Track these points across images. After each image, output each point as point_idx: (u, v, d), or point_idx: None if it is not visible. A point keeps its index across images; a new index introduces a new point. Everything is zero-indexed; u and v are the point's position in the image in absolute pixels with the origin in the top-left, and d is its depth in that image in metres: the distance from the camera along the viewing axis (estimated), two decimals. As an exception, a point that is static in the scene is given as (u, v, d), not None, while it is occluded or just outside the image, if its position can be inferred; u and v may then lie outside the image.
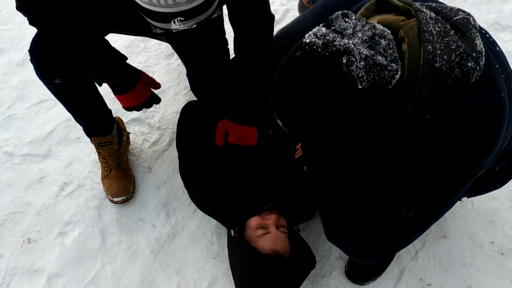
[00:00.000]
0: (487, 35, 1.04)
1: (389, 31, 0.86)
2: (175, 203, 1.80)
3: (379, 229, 1.05)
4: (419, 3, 0.94)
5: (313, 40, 0.83)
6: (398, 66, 0.84)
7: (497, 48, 1.02)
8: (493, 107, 0.91)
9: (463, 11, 0.96)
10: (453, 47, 0.88)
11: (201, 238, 1.71)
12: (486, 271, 1.60)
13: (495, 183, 1.33)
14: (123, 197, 1.77)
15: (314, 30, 0.86)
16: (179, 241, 1.71)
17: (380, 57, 0.82)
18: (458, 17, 0.94)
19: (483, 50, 0.91)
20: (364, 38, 0.83)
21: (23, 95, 2.13)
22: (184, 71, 2.15)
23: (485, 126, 0.92)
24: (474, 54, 0.89)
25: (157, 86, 1.56)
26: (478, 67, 0.89)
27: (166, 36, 1.54)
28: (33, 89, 2.14)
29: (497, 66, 0.95)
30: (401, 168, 1.02)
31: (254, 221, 1.48)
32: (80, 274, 1.64)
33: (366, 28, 0.85)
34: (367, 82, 0.81)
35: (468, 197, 1.45)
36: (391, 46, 0.84)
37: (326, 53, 0.81)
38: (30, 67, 2.19)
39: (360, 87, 0.81)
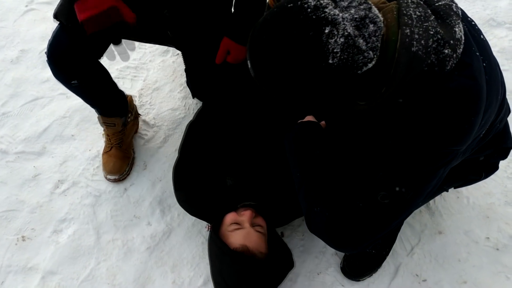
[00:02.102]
0: (473, 23, 1.04)
1: (381, 19, 0.87)
2: (171, 200, 1.79)
3: (357, 217, 1.04)
4: None
5: None
6: (375, 56, 0.85)
7: (481, 36, 1.03)
8: (468, 94, 0.91)
9: None
10: (432, 32, 0.88)
11: (196, 235, 1.71)
12: (482, 266, 1.60)
13: (480, 173, 1.33)
14: (116, 177, 1.80)
15: None
16: (175, 238, 1.70)
17: (361, 41, 0.83)
18: (440, 3, 0.95)
19: (463, 38, 0.91)
20: (355, 16, 0.83)
21: (17, 93, 2.12)
22: (179, 67, 2.14)
23: (459, 113, 0.92)
24: (451, 41, 0.89)
25: (130, 16, 1.36)
26: (455, 55, 0.89)
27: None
28: (27, 87, 2.13)
29: (478, 54, 0.95)
30: (374, 153, 1.03)
31: (228, 216, 1.46)
32: (75, 272, 1.64)
33: (361, 7, 0.85)
34: (339, 60, 0.83)
35: (454, 188, 1.44)
36: (376, 34, 0.85)
37: (314, 17, 0.82)
38: (25, 64, 2.22)
39: (330, 61, 0.83)
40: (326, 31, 0.81)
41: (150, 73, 2.17)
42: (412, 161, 0.97)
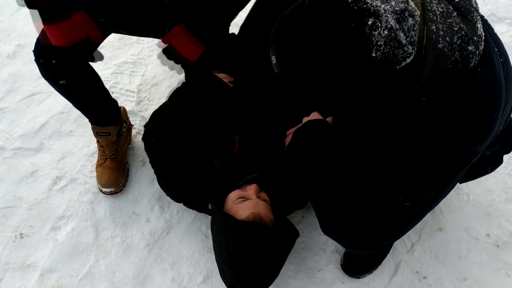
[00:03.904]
0: (484, 18, 1.03)
1: (419, 13, 0.83)
2: (170, 197, 1.78)
3: (376, 220, 1.03)
4: None
5: None
6: (413, 51, 0.81)
7: (494, 31, 1.02)
8: (491, 92, 0.90)
9: None
10: (456, 29, 0.86)
11: (195, 232, 1.70)
12: (482, 263, 1.60)
13: (486, 168, 1.33)
14: (112, 189, 1.76)
15: None
16: (174, 235, 1.69)
17: (402, 34, 0.80)
18: None
19: (483, 34, 0.90)
20: (396, 8, 0.79)
21: (14, 88, 2.09)
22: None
23: (483, 112, 0.90)
24: (475, 38, 0.88)
25: (98, 37, 1.37)
26: (477, 52, 0.88)
27: None
28: (24, 82, 2.11)
29: (496, 49, 0.94)
30: (396, 154, 1.00)
31: (234, 193, 1.44)
32: (74, 269, 1.62)
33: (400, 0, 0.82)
34: (382, 53, 0.79)
35: (460, 183, 1.44)
36: (415, 28, 0.81)
37: (355, 7, 0.78)
38: (21, 59, 2.19)
39: (373, 55, 0.78)
40: (369, 22, 0.77)
41: (148, 68, 2.15)
42: (435, 163, 0.95)
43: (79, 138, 1.93)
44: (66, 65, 1.40)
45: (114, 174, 1.76)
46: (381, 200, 1.02)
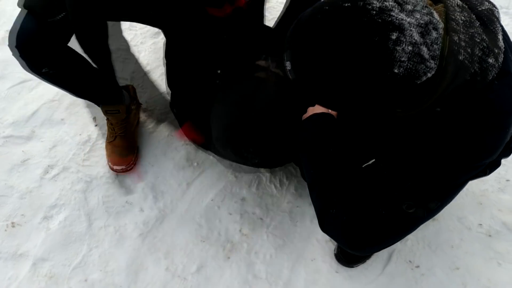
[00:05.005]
0: (503, 28, 1.01)
1: (442, 25, 0.79)
2: (163, 186, 1.77)
3: (377, 224, 1.02)
4: None
5: None
6: (435, 65, 0.78)
7: (510, 38, 0.99)
8: (506, 107, 0.88)
9: (489, 1, 0.92)
10: (477, 40, 0.84)
11: (189, 222, 1.69)
12: (474, 253, 1.61)
13: (485, 171, 1.33)
14: (123, 167, 1.76)
15: None
16: (168, 224, 1.69)
17: (425, 49, 0.76)
18: (483, 8, 0.89)
19: (503, 45, 0.87)
20: (421, 22, 0.76)
21: (4, 75, 2.06)
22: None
23: (496, 127, 0.89)
24: (495, 50, 0.85)
25: None
26: (497, 64, 0.86)
27: None
28: (15, 69, 2.06)
29: None
30: (405, 161, 0.99)
31: None
32: (67, 258, 1.61)
33: (424, 11, 0.77)
34: (404, 69, 0.75)
35: None
36: (438, 42, 0.78)
37: (379, 20, 0.74)
38: (11, 45, 2.14)
39: (395, 71, 0.75)
40: (393, 37, 0.73)
41: (141, 56, 2.12)
42: (443, 173, 0.94)
43: (71, 126, 1.90)
44: (49, 50, 1.37)
45: (125, 152, 1.77)
46: (385, 205, 1.01)
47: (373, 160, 1.12)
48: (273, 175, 1.78)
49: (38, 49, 1.35)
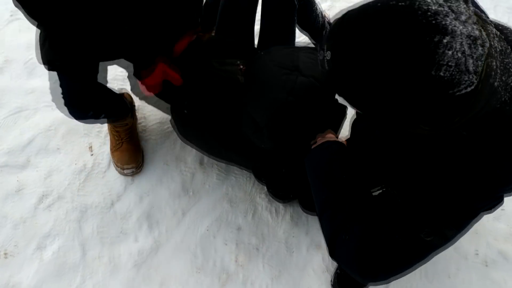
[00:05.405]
0: None
1: (488, 45, 0.80)
2: (158, 215, 1.76)
3: (392, 250, 1.01)
4: (484, 14, 0.90)
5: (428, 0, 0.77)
6: (476, 81, 0.78)
7: None
8: None
9: None
10: (511, 70, 0.85)
11: (185, 251, 1.68)
12: (471, 282, 1.60)
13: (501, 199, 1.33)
14: (134, 166, 1.83)
15: None
16: (162, 254, 1.67)
17: (470, 61, 0.77)
18: None
19: None
20: (471, 34, 0.77)
21: (0, 104, 2.06)
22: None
23: None
24: None
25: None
26: None
27: None
28: (11, 97, 2.08)
29: None
30: (426, 187, 0.98)
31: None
32: (60, 290, 1.59)
33: (475, 26, 0.79)
34: (450, 74, 0.75)
35: None
36: (482, 59, 0.78)
37: (433, 22, 0.75)
38: (9, 74, 2.17)
39: (441, 74, 0.75)
40: (444, 41, 0.74)
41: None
42: (465, 201, 0.93)
43: (67, 155, 1.90)
44: (94, 97, 1.50)
45: (134, 154, 1.85)
46: (402, 232, 1.00)
47: (381, 186, 1.11)
48: (269, 203, 1.78)
49: (86, 99, 1.48)
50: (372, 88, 0.82)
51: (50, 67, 1.40)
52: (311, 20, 1.86)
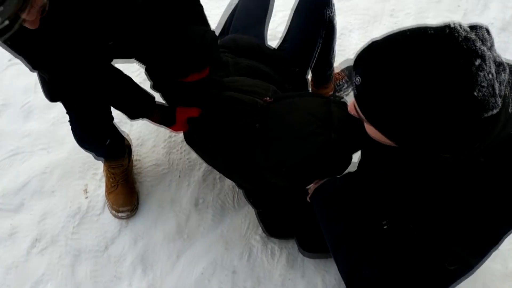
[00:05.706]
0: None
1: (508, 73, 0.85)
2: (153, 259, 1.74)
3: (416, 281, 1.00)
4: None
5: (458, 27, 0.82)
6: (500, 104, 0.82)
7: None
8: None
9: None
10: None
11: (179, 296, 1.65)
12: (470, 325, 1.58)
13: None
14: (129, 208, 1.82)
15: (458, 21, 0.84)
16: (157, 299, 1.65)
17: (497, 84, 0.81)
18: None
19: None
20: (497, 59, 0.82)
21: (-4, 147, 2.08)
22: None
23: None
24: None
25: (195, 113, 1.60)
26: None
27: None
28: (7, 141, 2.09)
29: None
30: (446, 218, 0.98)
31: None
32: (50, 337, 1.55)
33: (497, 53, 0.84)
34: (482, 95, 0.79)
35: None
36: (505, 83, 0.83)
37: (465, 46, 0.79)
38: (5, 117, 2.19)
39: (475, 94, 0.79)
40: (476, 63, 0.78)
41: (133, 128, 2.16)
42: (489, 227, 0.94)
43: (61, 199, 1.90)
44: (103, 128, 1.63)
45: (129, 196, 1.84)
46: (425, 262, 0.99)
47: (388, 220, 1.11)
48: (265, 246, 1.77)
49: (97, 132, 1.61)
50: (405, 112, 0.85)
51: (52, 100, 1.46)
52: (329, 48, 1.91)
